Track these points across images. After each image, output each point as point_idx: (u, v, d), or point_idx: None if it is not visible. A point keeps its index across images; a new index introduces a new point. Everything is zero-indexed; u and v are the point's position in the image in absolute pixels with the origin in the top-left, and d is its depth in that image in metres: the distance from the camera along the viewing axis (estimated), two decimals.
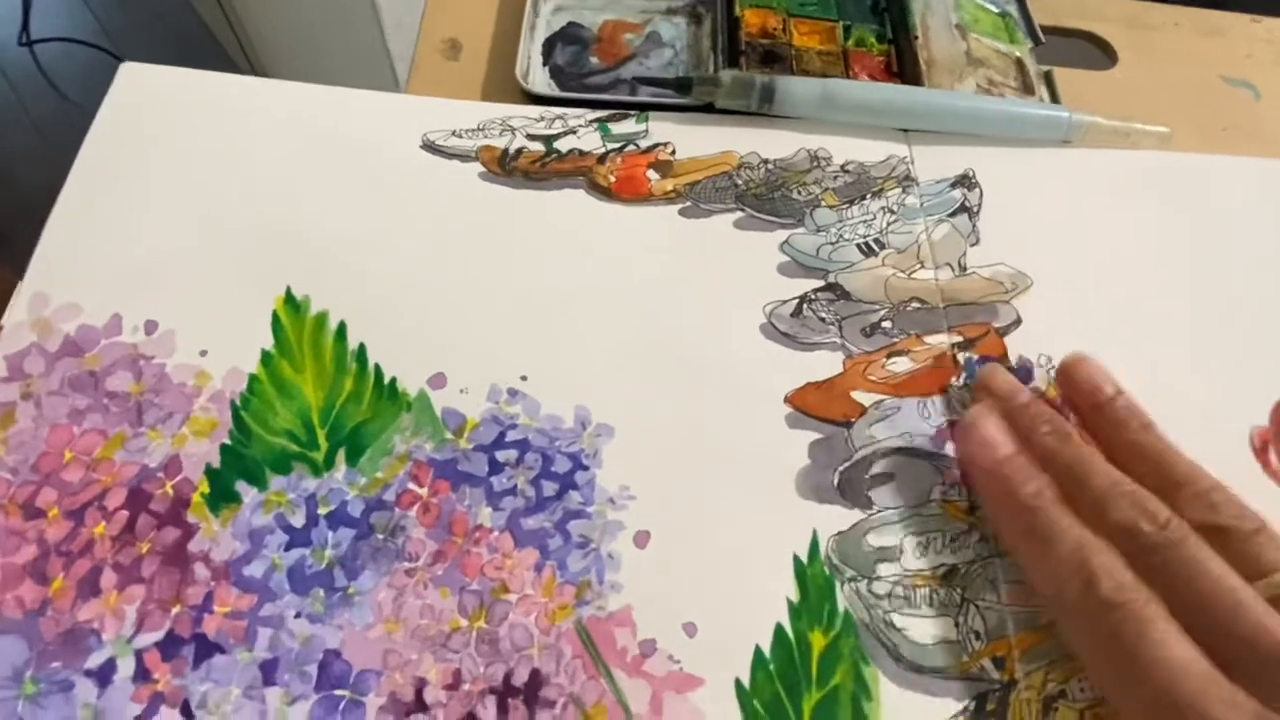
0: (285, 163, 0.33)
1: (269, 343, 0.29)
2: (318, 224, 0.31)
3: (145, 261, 0.30)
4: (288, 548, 0.25)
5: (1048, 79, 0.41)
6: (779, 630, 0.25)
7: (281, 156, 0.33)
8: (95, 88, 0.33)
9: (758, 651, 0.25)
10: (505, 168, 0.34)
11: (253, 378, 0.28)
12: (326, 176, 0.33)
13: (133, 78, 0.35)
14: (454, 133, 0.35)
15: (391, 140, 0.34)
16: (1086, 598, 0.23)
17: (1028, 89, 0.41)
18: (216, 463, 0.26)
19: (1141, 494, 0.24)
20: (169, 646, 0.24)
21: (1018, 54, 0.42)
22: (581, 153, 0.34)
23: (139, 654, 0.24)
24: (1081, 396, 0.28)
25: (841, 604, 0.26)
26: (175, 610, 0.24)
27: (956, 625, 0.26)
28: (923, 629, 0.26)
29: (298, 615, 0.24)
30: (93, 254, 0.30)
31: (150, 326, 0.29)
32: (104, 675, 0.23)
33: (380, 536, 0.26)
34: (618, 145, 0.35)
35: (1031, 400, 0.28)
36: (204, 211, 0.31)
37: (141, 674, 0.23)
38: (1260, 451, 0.31)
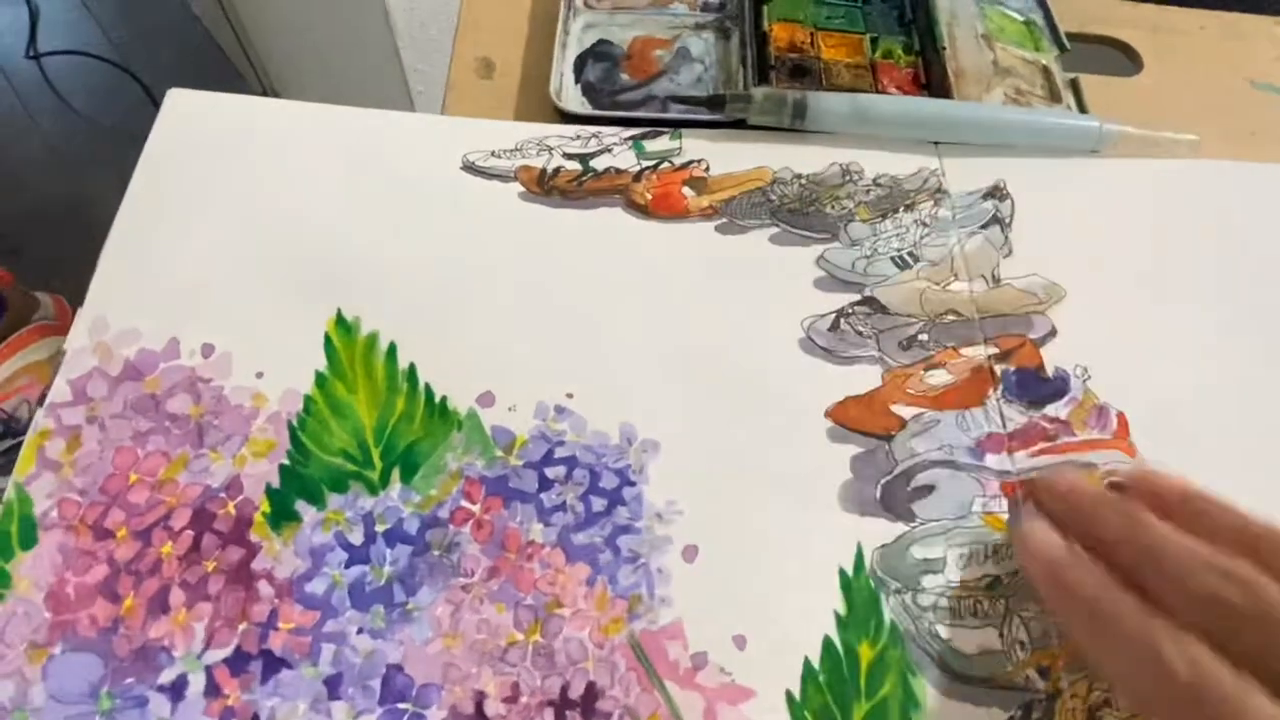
0: (331, 185, 0.34)
1: (322, 364, 0.29)
2: (365, 246, 0.32)
3: (199, 285, 0.31)
4: (348, 565, 0.26)
5: (1074, 87, 0.42)
6: (827, 642, 0.26)
7: (327, 179, 0.34)
8: (102, 100, 0.34)
9: (807, 663, 0.25)
10: (544, 187, 0.34)
11: (308, 399, 0.29)
12: (371, 198, 0.33)
13: (180, 103, 0.36)
14: (493, 153, 0.35)
15: (433, 162, 0.35)
16: (1165, 687, 0.21)
17: (1055, 97, 0.41)
18: (276, 482, 0.27)
19: (1223, 558, 0.22)
20: (237, 662, 0.25)
21: (1044, 62, 0.43)
22: (617, 171, 0.35)
23: (209, 670, 0.24)
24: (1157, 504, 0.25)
25: (887, 616, 0.26)
26: (242, 627, 0.25)
27: (1001, 635, 0.26)
28: (968, 639, 0.26)
29: (359, 631, 0.25)
30: (148, 278, 0.31)
31: (207, 350, 0.29)
32: (177, 690, 0.24)
33: (436, 553, 0.26)
34: (652, 163, 0.36)
35: (1092, 491, 0.25)
36: (254, 235, 0.32)
37: (212, 689, 0.24)
38: None
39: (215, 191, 0.33)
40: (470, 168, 0.35)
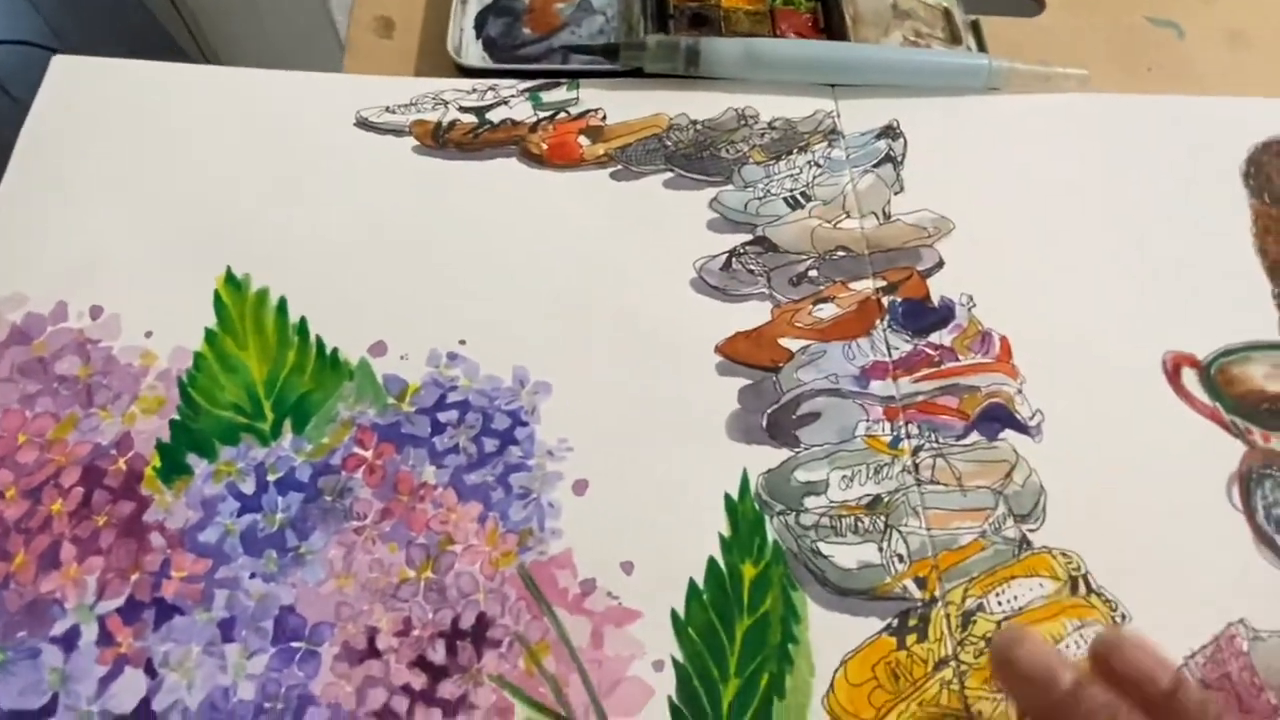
0: (221, 146, 0.34)
1: (212, 321, 0.29)
2: (256, 204, 0.32)
3: (87, 249, 0.31)
4: (239, 514, 0.26)
5: (975, 28, 0.42)
6: (711, 563, 0.27)
7: (217, 140, 0.34)
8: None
9: (692, 584, 0.26)
10: (439, 140, 0.35)
11: (198, 355, 0.29)
12: (262, 158, 0.33)
13: (66, 70, 0.35)
14: (387, 109, 0.35)
15: (325, 119, 0.35)
16: None
17: (955, 39, 0.42)
18: (167, 437, 0.27)
19: None
20: (130, 611, 0.25)
21: (945, 4, 0.43)
22: (514, 122, 0.35)
23: (101, 620, 0.25)
24: (1130, 687, 0.22)
25: (771, 536, 0.27)
26: (134, 577, 0.25)
27: (880, 550, 0.27)
28: (848, 555, 0.27)
29: (252, 576, 0.26)
30: (35, 245, 0.31)
31: (95, 312, 0.29)
32: (69, 641, 0.24)
33: (328, 499, 0.27)
34: (549, 114, 0.36)
35: (1076, 686, 0.22)
36: (143, 198, 0.32)
37: (105, 638, 0.25)
38: (1172, 375, 0.32)
39: (103, 155, 0.33)
40: (364, 124, 0.35)
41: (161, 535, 0.26)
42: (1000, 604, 0.27)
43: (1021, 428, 0.30)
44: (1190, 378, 0.32)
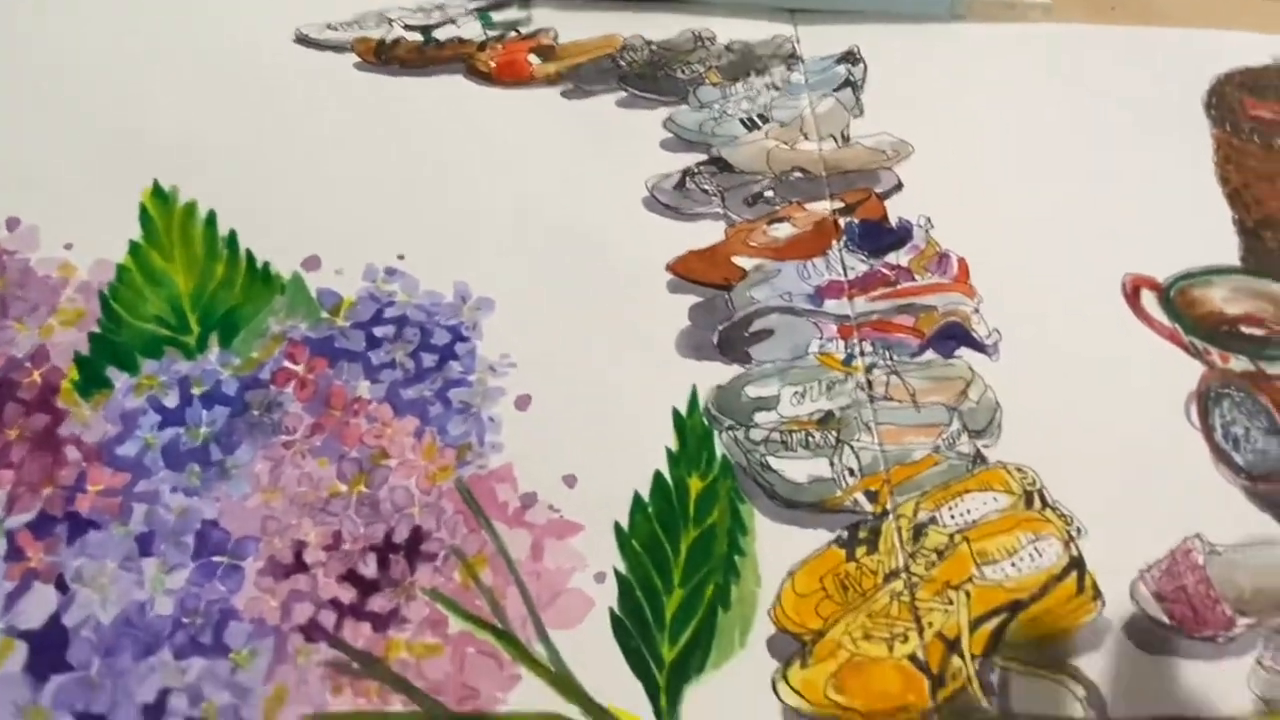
0: (155, 59, 0.32)
1: (137, 234, 0.28)
2: (187, 117, 0.31)
3: (5, 160, 0.29)
4: (161, 427, 0.25)
5: None
6: (657, 477, 0.26)
7: (151, 52, 0.32)
8: None
9: (636, 497, 0.25)
10: (382, 58, 0.33)
11: (121, 268, 0.27)
12: (197, 71, 0.32)
13: None
14: (329, 25, 0.34)
15: (263, 34, 0.33)
16: None
17: None
18: (86, 350, 0.26)
19: None
20: (41, 526, 0.24)
21: None
22: (461, 41, 0.34)
23: (10, 534, 0.23)
24: None
25: (719, 451, 0.26)
26: (47, 491, 0.24)
27: (831, 465, 0.27)
28: (798, 469, 0.26)
29: (174, 490, 0.24)
30: None
31: (11, 223, 0.28)
32: None
33: (256, 413, 0.26)
34: (499, 33, 0.35)
35: None
36: (67, 109, 0.31)
37: (14, 553, 0.23)
38: (1131, 296, 0.32)
39: (23, 64, 0.31)
40: (303, 40, 0.33)
41: (78, 449, 0.25)
42: (953, 517, 0.26)
43: (978, 346, 0.29)
44: (1150, 299, 0.32)
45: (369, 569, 0.24)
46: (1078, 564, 0.26)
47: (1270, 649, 0.25)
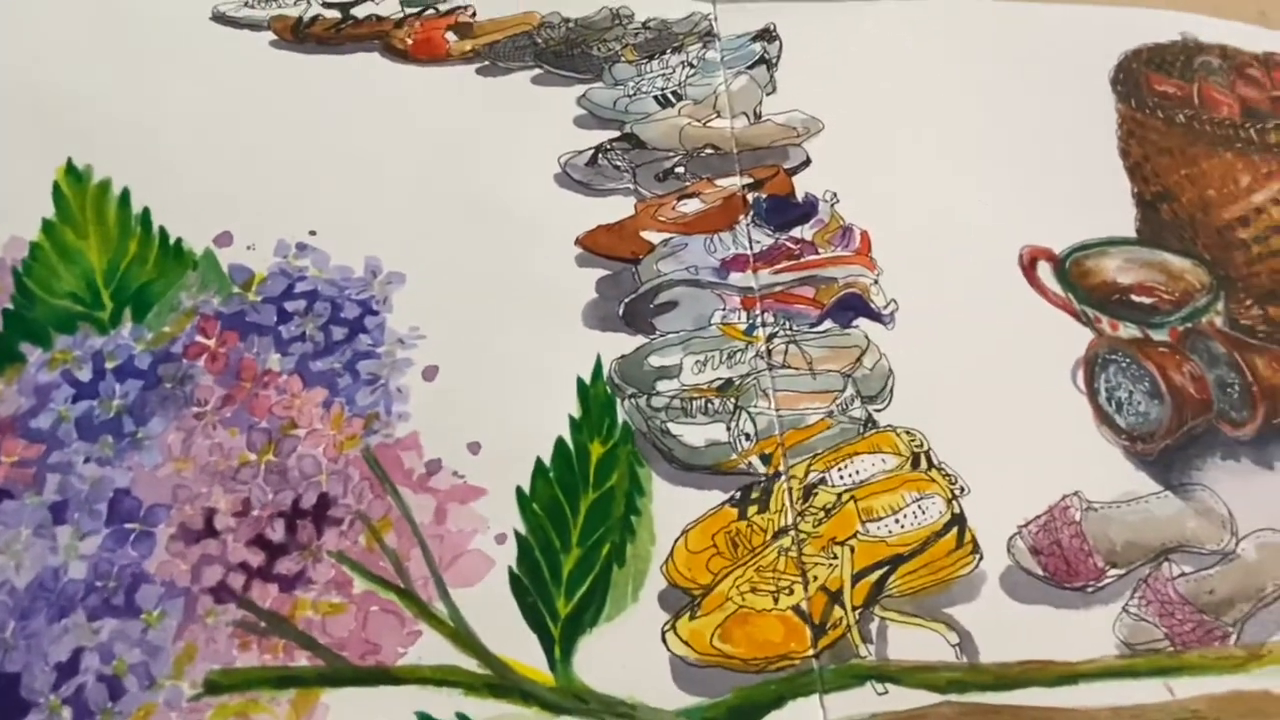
0: (66, 34, 0.32)
1: (50, 212, 0.29)
2: (102, 95, 0.31)
3: None
4: (75, 400, 0.26)
5: None
6: (559, 442, 0.27)
7: (62, 28, 0.32)
8: None
9: (539, 462, 0.27)
10: (299, 35, 0.34)
11: (34, 245, 0.28)
12: (111, 47, 0.32)
13: None
14: (246, 3, 0.34)
15: (180, 11, 0.33)
16: None
17: None
18: None
19: None
20: None
21: None
22: (379, 18, 0.34)
23: None
24: None
25: (621, 417, 0.28)
26: None
27: (728, 429, 0.28)
28: (696, 434, 0.28)
29: (87, 460, 0.25)
30: None
31: None
32: None
33: (168, 385, 0.26)
34: (417, 9, 0.35)
35: None
36: None
37: None
38: (1028, 269, 0.33)
39: None
40: (220, 18, 0.34)
41: None
42: (842, 477, 0.28)
43: (875, 316, 0.31)
44: (1045, 270, 0.33)
45: (277, 534, 0.25)
46: (959, 520, 0.27)
47: (1137, 596, 0.27)
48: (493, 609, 0.25)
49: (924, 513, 0.28)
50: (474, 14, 0.35)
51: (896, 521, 0.27)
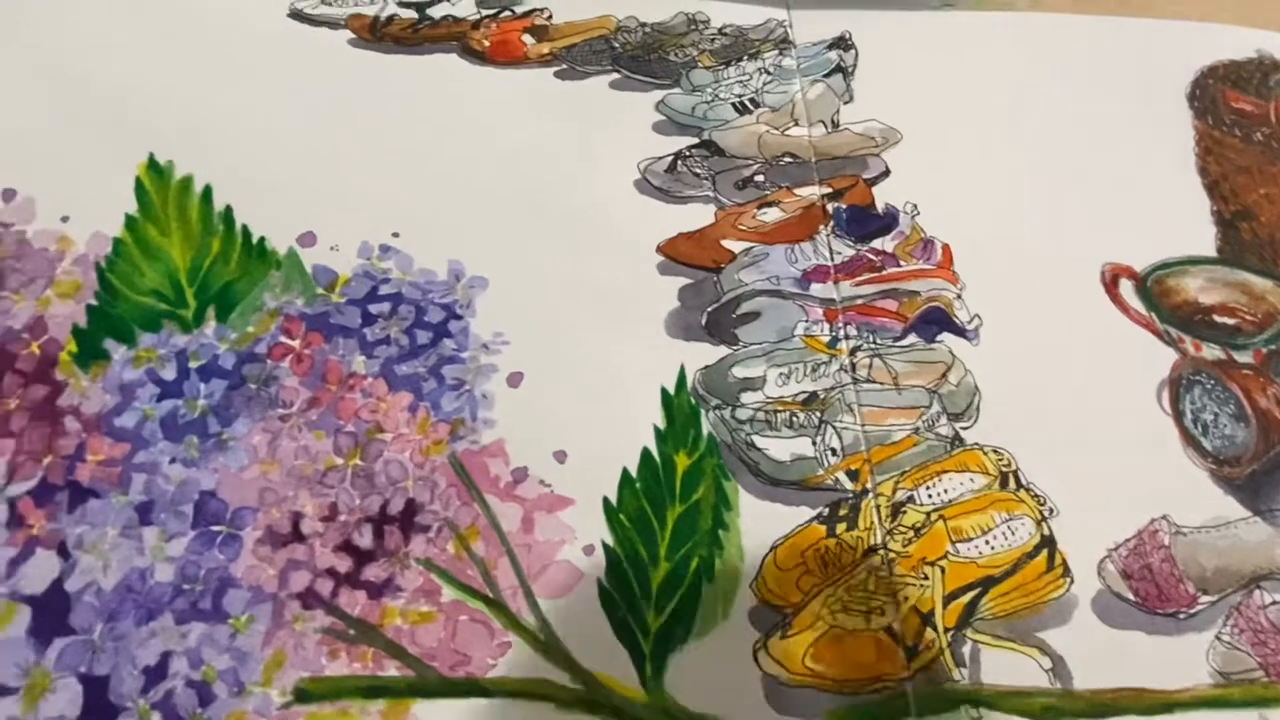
0: (148, 32, 0.32)
1: (133, 207, 0.28)
2: (182, 91, 0.31)
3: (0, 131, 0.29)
4: (159, 399, 0.26)
5: None
6: (645, 453, 0.26)
7: (144, 26, 0.32)
8: None
9: (624, 473, 0.26)
10: (376, 34, 0.33)
11: (117, 241, 0.28)
12: (193, 45, 0.32)
13: None
14: (323, 1, 0.34)
15: (259, 9, 0.33)
16: None
17: None
18: (84, 322, 0.26)
19: None
20: (42, 494, 0.24)
21: None
22: (455, 19, 0.34)
23: (12, 502, 0.24)
24: None
25: (706, 429, 0.27)
26: (47, 460, 0.25)
27: (814, 444, 0.28)
28: (782, 448, 0.27)
29: (172, 460, 0.25)
30: None
31: (8, 195, 0.28)
32: None
33: (253, 386, 0.26)
34: (493, 11, 0.35)
35: None
36: (63, 81, 0.31)
37: (15, 520, 0.24)
38: (1110, 285, 0.33)
39: (19, 34, 0.31)
40: (298, 15, 0.33)
41: (77, 419, 0.25)
42: (930, 496, 0.27)
43: (959, 331, 0.30)
44: (1127, 288, 0.33)
45: (365, 539, 0.25)
46: (1049, 542, 0.27)
47: (1230, 624, 0.27)
48: (582, 621, 0.24)
49: (1013, 534, 0.27)
50: (550, 16, 0.35)
51: (986, 542, 0.27)
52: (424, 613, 0.24)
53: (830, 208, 0.32)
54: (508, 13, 0.34)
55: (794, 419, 0.28)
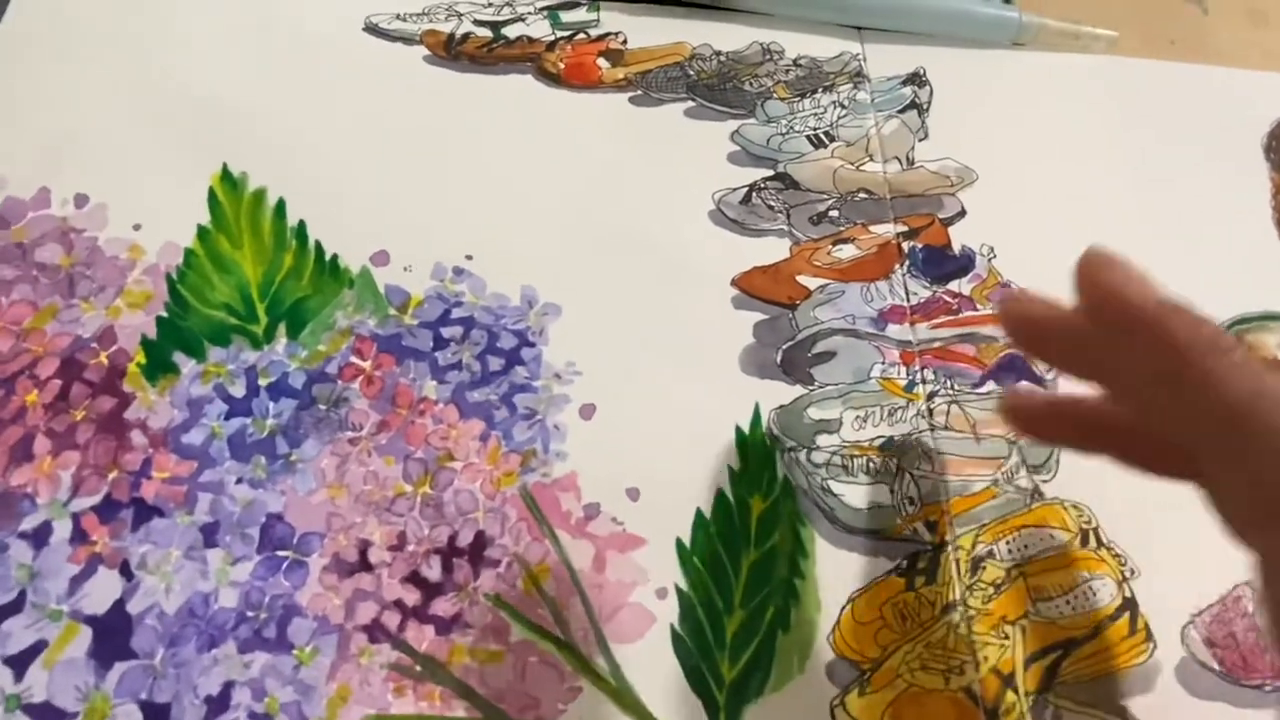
0: (223, 41, 0.32)
1: (205, 218, 0.28)
2: (257, 103, 0.30)
3: (74, 135, 0.29)
4: (228, 416, 0.25)
5: None
6: (720, 495, 0.26)
7: (220, 34, 0.32)
8: None
9: (699, 514, 0.25)
10: (451, 52, 0.33)
11: (189, 252, 0.27)
12: (267, 56, 0.32)
13: None
14: (398, 16, 0.34)
15: (334, 22, 0.33)
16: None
17: None
18: (153, 334, 0.26)
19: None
20: (107, 510, 0.23)
21: None
22: (530, 40, 0.34)
23: (76, 517, 0.23)
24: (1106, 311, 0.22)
25: (781, 471, 0.26)
26: (112, 475, 0.24)
27: (892, 492, 0.27)
28: (859, 494, 0.26)
29: (239, 481, 0.24)
30: (18, 127, 0.29)
31: (80, 200, 0.28)
32: (40, 538, 0.23)
33: (323, 407, 0.26)
34: (567, 34, 0.34)
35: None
36: (138, 87, 0.30)
37: (79, 536, 0.23)
38: None
39: (96, 39, 0.31)
40: (373, 29, 0.33)
41: (143, 434, 0.24)
42: (1010, 551, 0.26)
43: (1037, 379, 0.29)
44: None
45: (433, 572, 0.24)
46: (1130, 605, 0.26)
47: None
48: (654, 667, 0.23)
49: (1095, 594, 0.26)
50: (625, 41, 0.34)
51: (1067, 603, 0.26)
52: (493, 651, 0.23)
53: (906, 246, 0.31)
54: (582, 36, 0.34)
55: (871, 464, 0.27)
